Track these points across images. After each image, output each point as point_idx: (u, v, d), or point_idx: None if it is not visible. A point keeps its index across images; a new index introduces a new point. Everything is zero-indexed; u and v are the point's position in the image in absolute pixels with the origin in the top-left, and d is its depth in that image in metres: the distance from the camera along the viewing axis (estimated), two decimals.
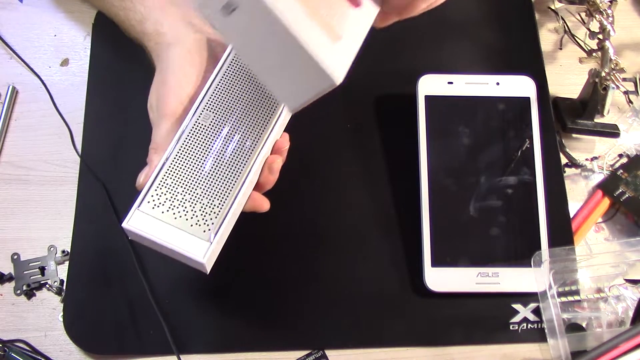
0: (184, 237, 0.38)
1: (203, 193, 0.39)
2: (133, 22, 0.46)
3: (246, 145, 0.40)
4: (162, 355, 0.47)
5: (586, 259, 0.50)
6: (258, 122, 0.41)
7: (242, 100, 0.42)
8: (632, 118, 0.57)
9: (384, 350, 0.48)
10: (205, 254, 0.37)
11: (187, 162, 0.40)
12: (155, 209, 0.38)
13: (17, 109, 0.55)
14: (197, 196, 0.39)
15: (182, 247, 0.37)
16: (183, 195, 0.39)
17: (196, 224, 0.38)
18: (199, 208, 0.38)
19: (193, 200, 0.39)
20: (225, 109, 0.41)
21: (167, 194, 0.39)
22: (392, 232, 0.50)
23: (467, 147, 0.52)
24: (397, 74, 0.55)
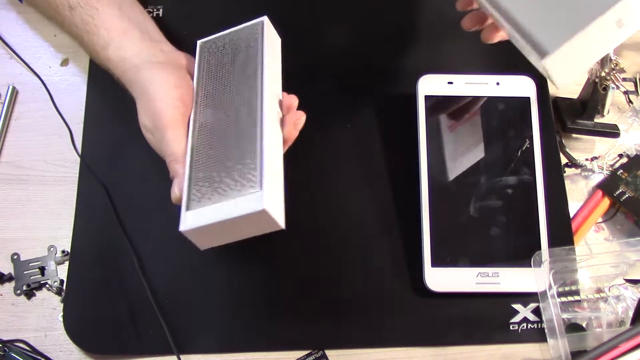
0: (238, 204, 0.38)
1: (233, 163, 0.40)
2: (97, 47, 0.46)
3: (251, 107, 0.42)
4: (162, 355, 0.47)
5: (586, 259, 0.50)
6: (250, 88, 0.43)
7: (228, 83, 0.44)
8: (632, 118, 0.57)
9: (384, 350, 0.48)
10: (263, 201, 0.37)
11: (206, 149, 0.41)
12: (202, 200, 0.39)
13: (17, 109, 0.55)
14: (230, 168, 0.40)
15: (241, 210, 0.38)
16: (218, 175, 0.40)
17: (242, 186, 0.39)
18: (237, 175, 0.39)
19: (228, 173, 0.40)
20: (218, 97, 0.44)
21: (205, 184, 0.40)
22: (392, 232, 0.50)
23: (467, 147, 0.51)
24: (397, 74, 0.55)
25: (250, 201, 0.38)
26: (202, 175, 0.40)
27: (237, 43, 0.46)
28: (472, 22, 0.45)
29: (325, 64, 0.56)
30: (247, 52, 0.46)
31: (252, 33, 0.46)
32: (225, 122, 0.42)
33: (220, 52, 0.46)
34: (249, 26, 0.47)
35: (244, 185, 0.39)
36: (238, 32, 0.47)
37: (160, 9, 0.57)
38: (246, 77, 0.44)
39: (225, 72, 0.45)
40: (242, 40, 0.46)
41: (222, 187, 0.39)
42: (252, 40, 0.46)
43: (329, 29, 0.58)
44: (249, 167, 0.39)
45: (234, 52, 0.46)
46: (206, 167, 0.40)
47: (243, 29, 0.47)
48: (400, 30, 0.58)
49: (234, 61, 0.45)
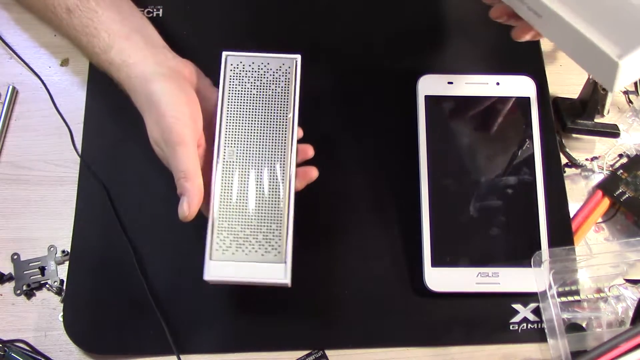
0: (261, 268, 0.42)
1: (258, 223, 0.42)
2: (97, 49, 0.45)
3: (278, 166, 0.43)
4: (162, 355, 0.47)
5: (586, 259, 0.50)
6: (280, 136, 0.44)
7: (255, 123, 0.44)
8: (632, 118, 0.57)
9: (384, 350, 0.48)
10: (286, 275, 0.41)
11: (232, 201, 0.42)
12: (225, 253, 0.42)
13: (17, 109, 0.55)
14: (255, 227, 0.42)
15: (264, 277, 0.42)
16: (243, 231, 0.42)
17: (266, 251, 0.42)
18: (262, 237, 0.42)
19: (253, 233, 0.42)
20: (244, 137, 0.44)
21: (229, 236, 0.42)
22: (392, 232, 0.50)
23: (467, 147, 0.52)
24: (397, 74, 0.55)
25: (274, 271, 0.42)
26: (227, 225, 0.42)
27: (266, 73, 0.45)
28: (501, 12, 0.44)
29: (325, 64, 0.56)
30: (277, 88, 0.45)
31: (284, 68, 0.45)
32: (252, 168, 0.43)
33: (248, 76, 0.45)
34: (282, 59, 0.45)
35: (268, 252, 0.42)
36: (269, 60, 0.45)
37: (160, 9, 0.57)
38: (276, 118, 0.44)
39: (252, 103, 0.44)
40: (273, 73, 0.45)
41: (246, 246, 0.42)
42: (282, 76, 0.45)
43: (328, 29, 0.58)
44: (274, 233, 0.42)
45: (262, 83, 0.45)
46: (231, 218, 0.42)
47: (275, 60, 0.45)
48: (400, 30, 0.58)
49: (263, 94, 0.44)
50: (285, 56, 0.45)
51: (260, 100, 0.44)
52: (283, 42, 0.57)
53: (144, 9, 0.57)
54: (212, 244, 0.42)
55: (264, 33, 0.57)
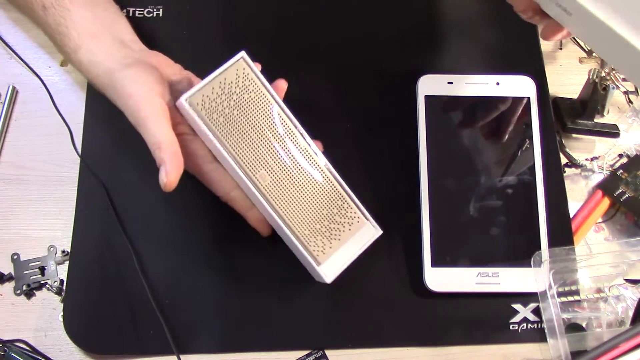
0: (358, 240, 0.46)
1: (328, 210, 0.45)
2: (68, 49, 0.46)
3: (302, 151, 0.44)
4: (162, 355, 0.47)
5: (586, 259, 0.50)
6: (284, 131, 0.44)
7: (255, 133, 0.44)
8: (632, 118, 0.57)
9: (384, 350, 0.48)
10: (376, 229, 0.46)
11: (290, 207, 0.44)
12: (326, 251, 0.44)
13: (17, 109, 0.55)
14: (329, 215, 0.45)
15: (364, 243, 0.46)
16: (322, 226, 0.44)
17: (351, 225, 0.45)
18: (340, 218, 0.45)
19: (331, 220, 0.45)
20: (259, 155, 0.43)
21: (318, 237, 0.44)
22: (392, 232, 0.50)
23: (467, 147, 0.52)
24: (397, 74, 0.55)
25: (367, 232, 0.45)
26: (308, 232, 0.44)
27: (230, 89, 0.43)
28: (526, 6, 0.41)
29: (325, 64, 0.56)
30: (250, 95, 0.43)
31: (240, 72, 0.43)
32: (287, 175, 0.44)
33: (218, 103, 0.43)
34: (233, 65, 0.43)
35: (352, 224, 0.45)
36: (223, 75, 0.43)
37: (160, 9, 0.57)
38: (271, 121, 0.44)
39: (242, 123, 0.43)
40: (234, 84, 0.43)
41: (335, 233, 0.44)
42: (245, 80, 0.43)
43: (328, 28, 0.58)
44: (344, 208, 0.45)
45: (236, 100, 0.43)
46: (305, 224, 0.44)
47: (227, 71, 0.43)
48: (400, 30, 0.58)
49: (244, 109, 0.43)
50: (233, 61, 0.43)
51: (246, 113, 0.43)
52: (283, 42, 0.57)
53: (144, 9, 0.57)
54: (311, 254, 0.44)
55: (264, 33, 0.57)
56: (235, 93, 0.43)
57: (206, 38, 0.57)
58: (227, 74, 0.43)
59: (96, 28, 0.46)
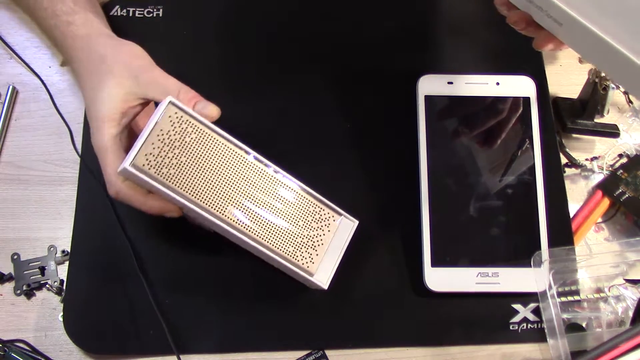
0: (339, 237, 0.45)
1: (303, 221, 0.44)
2: (59, 12, 0.46)
3: (253, 169, 0.43)
4: (162, 355, 0.47)
5: (586, 259, 0.50)
6: (232, 156, 0.42)
7: (210, 174, 0.42)
8: (632, 118, 0.57)
9: (384, 350, 0.48)
10: (354, 220, 0.46)
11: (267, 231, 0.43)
12: (315, 260, 0.44)
13: (17, 109, 0.55)
14: (305, 225, 0.44)
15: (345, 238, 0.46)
16: (303, 236, 0.44)
17: (329, 225, 0.45)
18: (316, 224, 0.45)
19: (309, 229, 0.44)
20: (215, 190, 0.42)
21: (303, 249, 0.44)
22: (392, 232, 0.50)
23: (467, 147, 0.52)
24: (397, 74, 0.55)
25: (345, 228, 0.45)
26: (292, 248, 0.43)
27: (170, 138, 0.40)
28: (519, 18, 0.41)
29: (325, 64, 0.56)
30: (191, 137, 0.41)
31: (174, 117, 0.41)
32: (254, 202, 0.42)
33: (164, 156, 0.40)
34: (164, 114, 0.40)
35: (329, 224, 0.45)
36: (158, 126, 0.40)
37: (160, 9, 0.57)
38: (221, 155, 0.42)
39: (195, 167, 0.41)
40: (172, 132, 0.40)
41: (317, 240, 0.44)
42: (181, 124, 0.41)
43: (329, 28, 0.58)
44: (317, 212, 0.44)
45: (179, 147, 0.40)
46: (287, 242, 0.43)
47: (161, 121, 0.40)
48: (400, 30, 0.58)
49: (191, 153, 0.41)
50: (162, 109, 0.40)
51: (195, 156, 0.41)
52: (283, 42, 0.57)
53: (144, 9, 0.57)
54: (302, 268, 0.43)
55: (264, 33, 0.57)
56: (176, 140, 0.40)
57: (206, 38, 0.57)
58: (161, 124, 0.40)
59: (88, 5, 0.48)
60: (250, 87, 0.55)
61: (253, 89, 0.55)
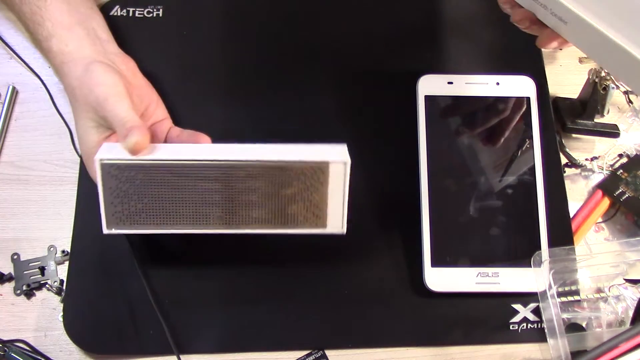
0: None
1: None
2: (40, 37, 0.46)
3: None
4: (162, 355, 0.47)
5: (586, 259, 0.50)
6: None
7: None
8: (632, 118, 0.57)
9: (384, 350, 0.48)
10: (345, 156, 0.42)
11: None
12: None
13: (17, 109, 0.55)
14: None
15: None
16: None
17: None
18: None
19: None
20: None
21: None
22: (392, 232, 0.50)
23: (467, 147, 0.52)
24: (397, 74, 0.55)
25: (337, 171, 0.42)
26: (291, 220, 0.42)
27: (125, 187, 0.41)
28: (523, 17, 0.41)
29: (325, 64, 0.56)
30: (140, 177, 0.40)
31: (112, 170, 0.40)
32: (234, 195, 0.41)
33: (131, 211, 0.41)
34: (100, 172, 0.40)
35: (320, 177, 0.41)
36: (107, 186, 0.40)
37: (160, 9, 0.57)
38: (173, 177, 0.41)
39: (164, 203, 0.41)
40: (117, 182, 0.40)
41: (314, 198, 0.42)
42: (121, 171, 0.40)
43: (329, 28, 0.58)
44: (302, 172, 0.41)
45: (137, 193, 0.41)
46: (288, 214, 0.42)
47: (104, 177, 0.40)
48: (400, 30, 0.58)
49: (150, 192, 0.41)
50: (99, 170, 0.40)
51: (156, 193, 0.41)
52: (283, 42, 0.57)
53: (144, 9, 0.57)
54: (315, 227, 0.42)
55: (264, 33, 0.57)
56: (129, 188, 0.40)
57: (206, 38, 0.57)
58: (107, 183, 0.40)
59: (71, 20, 0.47)
60: (250, 87, 0.55)
61: (253, 88, 0.55)
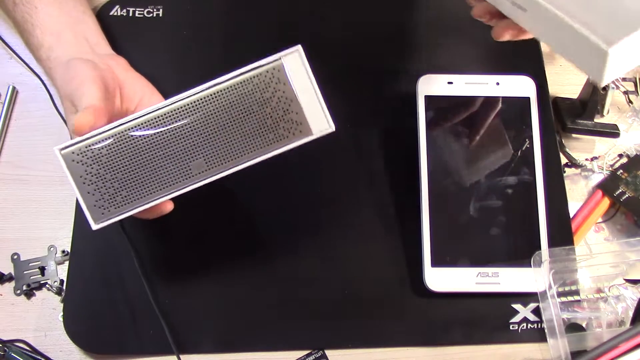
0: None
1: None
2: (31, 46, 0.47)
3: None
4: (162, 355, 0.47)
5: (586, 259, 0.50)
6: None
7: None
8: (632, 118, 0.57)
9: (384, 350, 0.48)
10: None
11: None
12: None
13: (17, 109, 0.55)
14: None
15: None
16: None
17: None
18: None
19: None
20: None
21: None
22: (392, 232, 0.50)
23: (467, 147, 0.52)
24: (397, 74, 0.55)
25: (294, 63, 0.41)
26: (272, 137, 0.39)
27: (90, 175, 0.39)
28: (483, 11, 0.43)
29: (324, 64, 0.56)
30: (103, 153, 0.39)
31: (75, 156, 0.38)
32: (208, 134, 0.39)
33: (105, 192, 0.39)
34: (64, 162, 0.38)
35: (276, 81, 0.39)
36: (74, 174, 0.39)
37: (160, 9, 0.57)
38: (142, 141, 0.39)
39: (132, 177, 0.39)
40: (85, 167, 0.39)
41: (282, 106, 0.39)
42: (84, 155, 0.38)
43: (328, 28, 0.58)
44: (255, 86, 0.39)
45: (105, 171, 0.39)
46: (261, 136, 0.39)
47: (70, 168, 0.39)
48: (400, 30, 0.58)
49: (118, 167, 0.39)
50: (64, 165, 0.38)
51: (128, 162, 0.39)
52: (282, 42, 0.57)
53: (144, 9, 0.57)
54: (298, 140, 0.40)
55: (264, 33, 0.57)
56: (100, 170, 0.39)
57: (206, 38, 0.57)
58: (75, 172, 0.38)
59: (60, 27, 0.46)
60: None
61: None
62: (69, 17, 0.48)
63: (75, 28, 0.47)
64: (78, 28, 0.48)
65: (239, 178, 0.48)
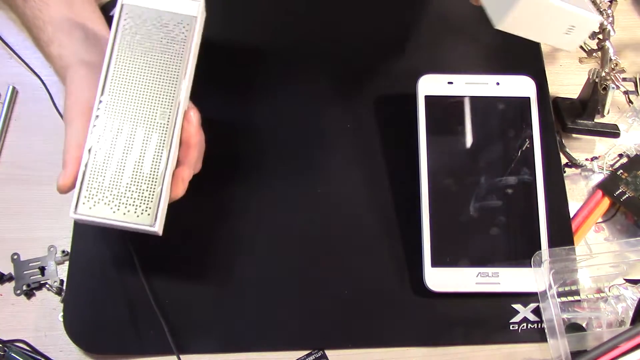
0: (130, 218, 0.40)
1: (131, 179, 0.40)
2: (41, 42, 0.46)
3: (158, 121, 0.41)
4: (162, 355, 0.47)
5: (586, 259, 0.50)
6: (164, 94, 0.41)
7: (141, 76, 0.41)
8: (632, 118, 0.57)
9: (384, 350, 0.48)
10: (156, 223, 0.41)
11: (106, 154, 0.40)
12: (93, 208, 0.40)
13: (17, 109, 0.55)
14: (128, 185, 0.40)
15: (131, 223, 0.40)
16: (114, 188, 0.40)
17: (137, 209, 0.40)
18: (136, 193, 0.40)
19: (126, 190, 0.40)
20: (128, 91, 0.41)
21: (98, 191, 0.40)
22: (392, 232, 0.50)
23: (467, 147, 0.52)
24: (397, 74, 0.55)
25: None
26: (96, 182, 0.40)
27: (165, 25, 0.42)
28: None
29: (324, 64, 0.56)
30: (173, 42, 0.42)
31: (184, 21, 0.42)
32: (129, 122, 0.41)
33: (142, 28, 0.42)
34: (181, 16, 0.42)
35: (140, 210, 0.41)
36: (168, 14, 0.42)
37: None
38: (166, 77, 0.41)
39: (144, 56, 0.41)
40: (171, 26, 0.42)
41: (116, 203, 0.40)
42: (182, 29, 0.42)
43: (329, 28, 0.58)
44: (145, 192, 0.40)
45: (158, 35, 0.42)
46: (101, 173, 0.40)
47: (175, 16, 0.42)
48: (400, 30, 0.58)
49: (155, 47, 0.42)
50: (186, 8, 0.42)
51: (157, 57, 0.41)
52: (283, 42, 0.57)
53: None
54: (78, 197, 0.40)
55: (264, 33, 0.57)
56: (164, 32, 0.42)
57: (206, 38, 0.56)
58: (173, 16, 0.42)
59: (71, 24, 0.46)
60: (249, 87, 0.55)
61: (252, 88, 0.55)
62: (80, 15, 0.48)
63: (86, 27, 0.47)
64: (88, 26, 0.48)
65: (239, 178, 0.48)
